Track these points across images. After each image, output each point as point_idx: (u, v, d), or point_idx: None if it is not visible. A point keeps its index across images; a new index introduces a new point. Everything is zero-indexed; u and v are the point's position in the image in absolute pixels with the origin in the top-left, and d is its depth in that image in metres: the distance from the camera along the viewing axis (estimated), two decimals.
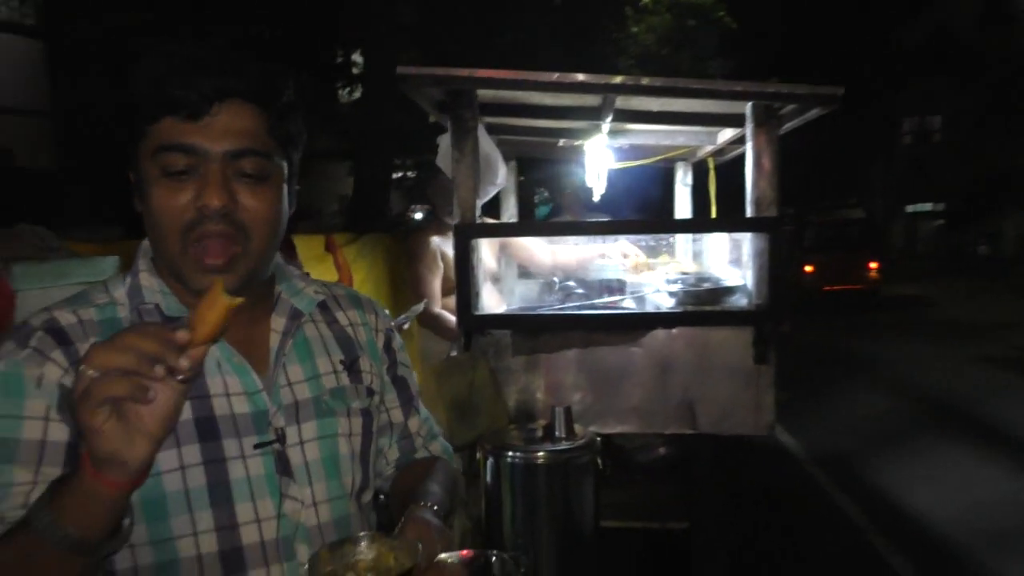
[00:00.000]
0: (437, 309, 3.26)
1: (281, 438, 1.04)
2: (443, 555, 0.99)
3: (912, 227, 27.67)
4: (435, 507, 1.09)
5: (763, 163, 2.47)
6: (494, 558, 1.06)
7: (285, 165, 1.04)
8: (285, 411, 1.06)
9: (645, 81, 2.47)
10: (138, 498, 0.92)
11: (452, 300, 3.30)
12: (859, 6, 21.41)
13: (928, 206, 26.73)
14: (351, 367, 1.16)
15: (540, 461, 2.04)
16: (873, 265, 13.84)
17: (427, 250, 3.30)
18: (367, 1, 8.04)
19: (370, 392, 1.18)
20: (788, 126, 2.75)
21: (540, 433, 2.15)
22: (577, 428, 2.15)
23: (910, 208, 27.39)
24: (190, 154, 0.94)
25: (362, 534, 0.97)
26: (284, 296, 1.12)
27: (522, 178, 4.38)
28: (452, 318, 3.16)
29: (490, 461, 2.07)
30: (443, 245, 3.34)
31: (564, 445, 2.07)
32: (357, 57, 10.86)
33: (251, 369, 1.04)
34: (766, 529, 4.22)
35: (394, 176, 10.50)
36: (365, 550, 0.94)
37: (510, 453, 2.06)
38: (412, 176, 12.65)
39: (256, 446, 1.02)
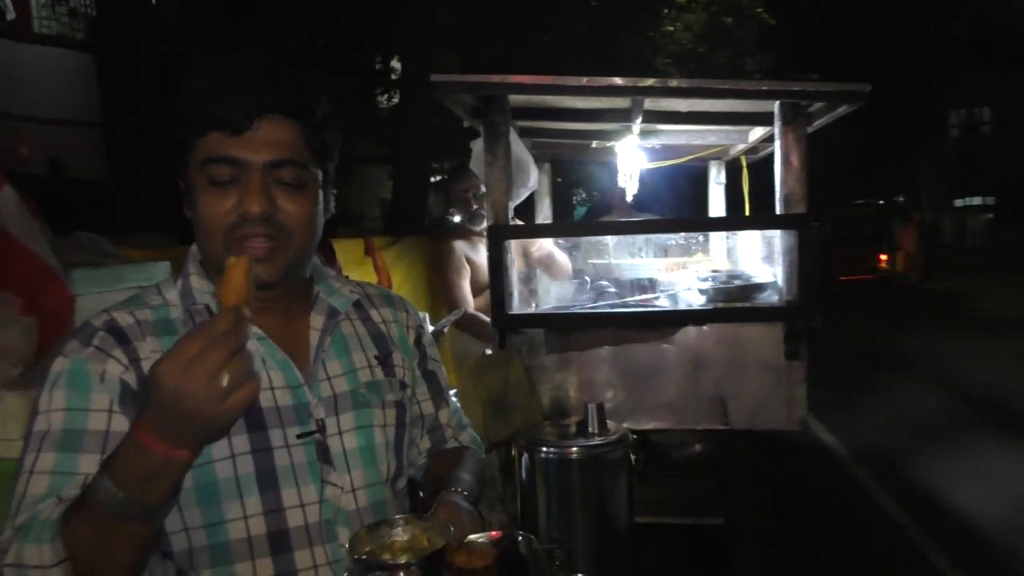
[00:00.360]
0: (471, 311, 3.35)
1: (321, 428, 1.12)
2: (473, 536, 1.05)
3: (961, 221, 27.03)
4: (465, 492, 1.16)
5: (792, 161, 2.49)
6: (520, 538, 1.11)
7: (320, 173, 1.12)
8: (325, 403, 1.13)
9: (673, 83, 2.51)
10: (191, 484, 1.01)
11: (479, 300, 3.39)
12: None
13: (978, 200, 26.10)
14: (385, 362, 1.24)
15: (574, 456, 2.08)
16: (883, 257, 15.10)
17: (454, 256, 3.41)
18: (404, 7, 8.14)
19: (403, 385, 1.25)
20: (818, 123, 2.76)
21: (574, 429, 2.19)
22: (610, 424, 2.19)
23: (959, 202, 26.77)
24: (234, 165, 1.03)
25: (397, 517, 1.03)
26: (322, 296, 1.20)
27: (559, 179, 4.43)
28: (486, 318, 3.26)
29: (525, 457, 2.12)
30: (467, 250, 3.43)
31: (597, 440, 2.12)
32: (395, 63, 10.99)
33: (293, 364, 1.12)
34: (803, 525, 4.21)
35: (432, 180, 10.59)
36: (400, 531, 1.00)
37: (544, 449, 2.11)
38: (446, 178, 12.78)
39: (299, 436, 1.09)
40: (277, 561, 1.06)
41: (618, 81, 2.46)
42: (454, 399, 1.43)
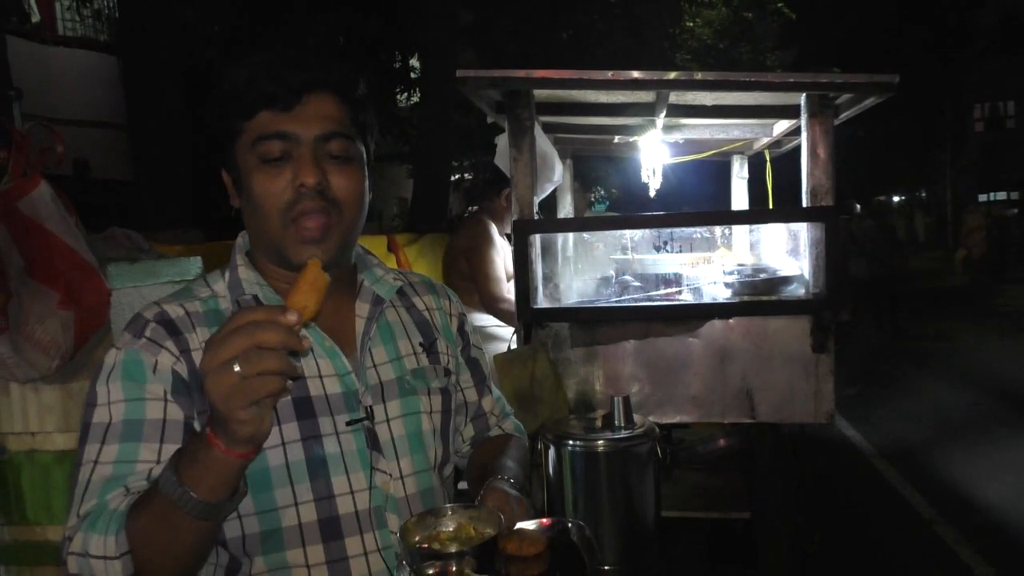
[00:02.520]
0: (506, 293, 3.34)
1: (370, 415, 1.13)
2: (522, 523, 1.06)
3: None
4: (511, 480, 1.17)
5: (819, 153, 2.48)
6: (571, 524, 1.11)
7: (363, 150, 1.14)
8: (372, 391, 1.15)
9: (698, 76, 2.50)
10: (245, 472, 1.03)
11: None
12: None
13: (1003, 195, 25.75)
14: (429, 349, 1.26)
15: (600, 449, 2.09)
16: None
17: (493, 235, 3.40)
18: (425, 6, 8.17)
19: (447, 372, 1.27)
20: (844, 115, 2.74)
21: (600, 423, 2.20)
22: (636, 417, 2.19)
23: (983, 197, 26.43)
24: (285, 140, 1.06)
25: (445, 506, 1.05)
26: (366, 284, 1.22)
27: (577, 182, 4.43)
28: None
29: (551, 450, 2.13)
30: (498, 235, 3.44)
31: (624, 433, 2.12)
32: (414, 62, 11.02)
33: (341, 352, 1.14)
34: (831, 520, 4.18)
35: (453, 178, 10.62)
36: (447, 521, 1.02)
37: (570, 442, 2.11)
38: (470, 177, 12.80)
39: (348, 423, 1.11)
40: (328, 547, 1.07)
41: (643, 74, 2.46)
42: (496, 388, 1.44)
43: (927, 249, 25.53)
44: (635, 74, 2.46)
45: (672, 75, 2.48)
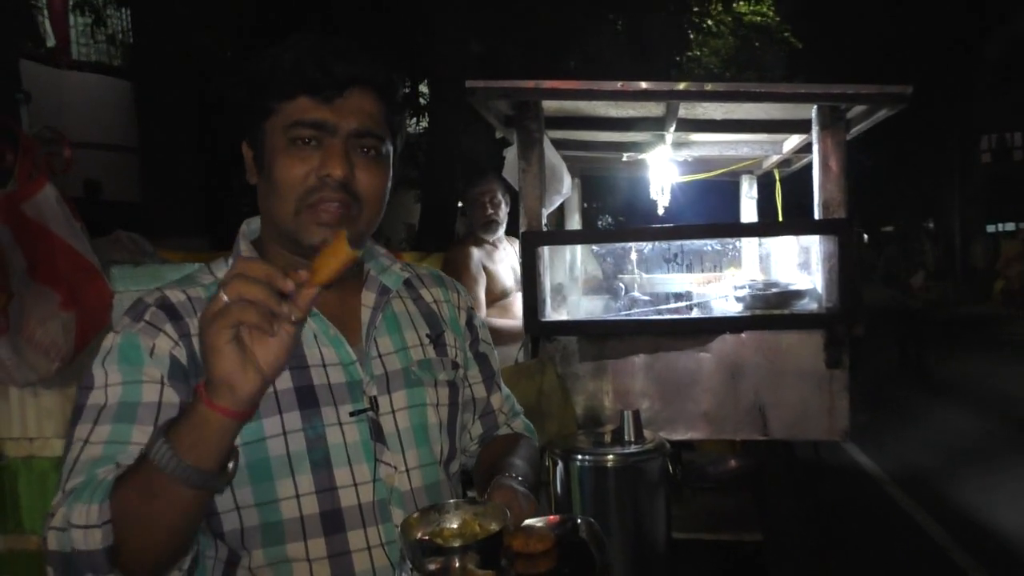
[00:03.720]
0: (483, 316, 3.34)
1: (374, 406, 1.10)
2: (530, 520, 1.02)
3: (994, 246, 26.58)
4: (520, 478, 1.13)
5: (831, 166, 2.46)
6: (580, 521, 1.08)
7: (392, 149, 1.13)
8: (377, 381, 1.12)
9: (708, 86, 2.49)
10: (244, 462, 0.99)
11: (492, 310, 3.37)
12: (929, 22, 20.84)
13: (1012, 226, 25.69)
14: (436, 341, 1.23)
15: (609, 464, 2.04)
16: None
17: (471, 262, 3.39)
18: (434, 32, 8.25)
19: (455, 365, 1.24)
20: (856, 129, 2.72)
21: (609, 438, 2.15)
22: (647, 433, 2.15)
23: (991, 227, 26.37)
24: (320, 129, 1.04)
25: (449, 502, 1.01)
26: (373, 273, 1.20)
27: (585, 205, 4.43)
28: (499, 322, 3.27)
29: (559, 465, 2.08)
30: (484, 258, 3.42)
31: (633, 448, 2.07)
32: (423, 88, 11.12)
33: (345, 341, 1.11)
34: (843, 544, 4.11)
35: (460, 204, 10.67)
36: (451, 517, 0.98)
37: (579, 457, 2.06)
38: None
39: (352, 414, 1.08)
40: (330, 541, 1.04)
41: (652, 85, 2.45)
42: (505, 386, 1.41)
43: (935, 278, 25.75)
44: (644, 84, 2.45)
45: (682, 86, 2.48)
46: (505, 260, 3.53)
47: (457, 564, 0.89)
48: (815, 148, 2.49)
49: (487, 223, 3.44)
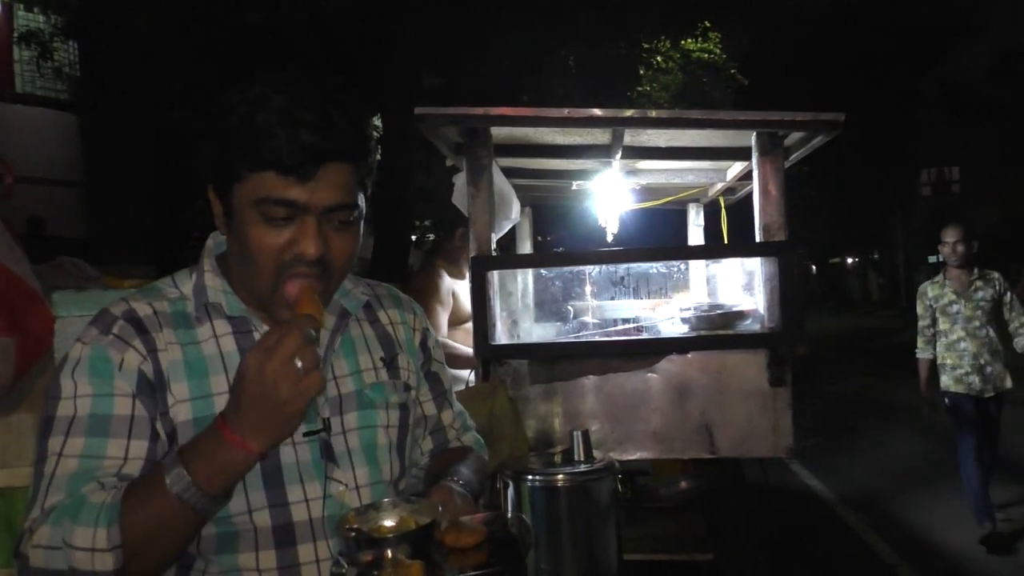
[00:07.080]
0: (442, 339, 3.37)
1: (327, 427, 1.13)
2: (464, 517, 1.05)
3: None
4: (461, 482, 1.16)
5: (770, 190, 2.54)
6: (509, 515, 1.12)
7: (363, 205, 1.11)
8: (331, 403, 1.14)
9: (652, 113, 2.57)
10: None
11: (458, 332, 3.41)
12: (872, 61, 21.66)
13: None
14: (390, 364, 1.25)
15: (559, 484, 2.06)
16: None
17: (441, 285, 3.44)
18: (386, 67, 8.31)
19: (407, 388, 1.26)
20: (795, 156, 2.82)
21: (559, 458, 2.18)
22: (596, 453, 2.17)
23: (932, 259, 27.20)
24: (291, 207, 1.01)
25: (385, 500, 1.04)
26: (335, 297, 1.20)
27: (539, 239, 4.49)
28: (458, 346, 3.33)
29: (511, 487, 2.09)
30: (453, 284, 3.47)
31: (583, 468, 2.10)
32: (376, 121, 11.16)
33: None
34: (794, 564, 4.16)
35: (413, 237, 10.68)
36: (388, 515, 1.01)
37: (530, 477, 2.08)
38: (431, 237, 12.89)
39: (305, 434, 1.10)
40: (281, 554, 1.07)
41: (599, 112, 2.52)
42: (458, 403, 1.42)
43: (881, 308, 26.65)
44: (591, 112, 2.52)
45: (627, 113, 2.54)
46: None
47: (389, 555, 0.92)
48: (755, 173, 2.57)
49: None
